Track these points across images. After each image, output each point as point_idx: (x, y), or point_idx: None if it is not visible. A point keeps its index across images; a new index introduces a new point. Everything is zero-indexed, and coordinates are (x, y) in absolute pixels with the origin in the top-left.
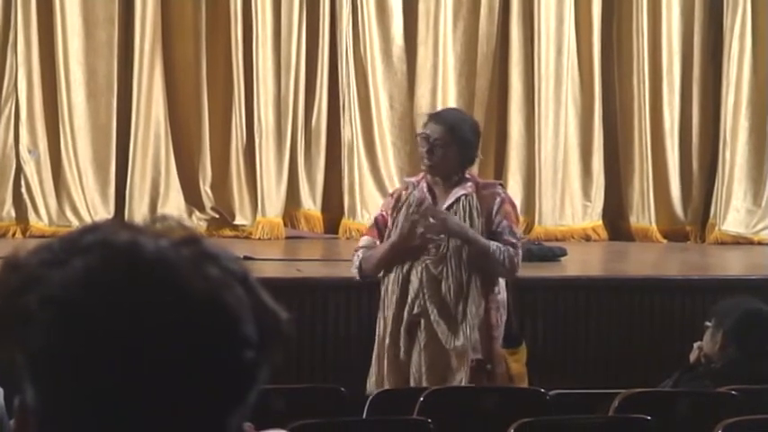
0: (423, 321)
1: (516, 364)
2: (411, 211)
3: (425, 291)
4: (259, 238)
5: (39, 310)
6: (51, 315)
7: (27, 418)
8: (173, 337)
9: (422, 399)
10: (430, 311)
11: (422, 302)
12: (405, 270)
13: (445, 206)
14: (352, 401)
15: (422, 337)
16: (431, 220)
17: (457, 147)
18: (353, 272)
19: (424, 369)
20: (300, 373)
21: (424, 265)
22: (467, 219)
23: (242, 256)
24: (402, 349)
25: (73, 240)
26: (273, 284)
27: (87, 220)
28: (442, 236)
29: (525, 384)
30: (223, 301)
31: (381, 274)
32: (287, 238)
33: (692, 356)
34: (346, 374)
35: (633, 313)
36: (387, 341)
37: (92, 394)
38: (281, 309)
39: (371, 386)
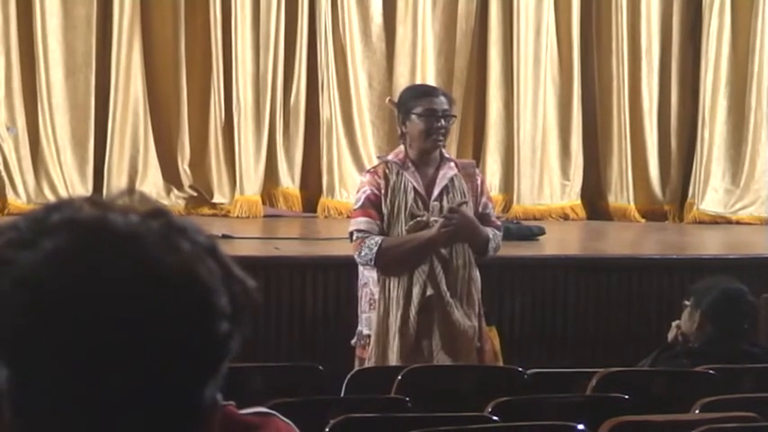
0: (435, 303)
1: (496, 341)
2: (449, 211)
3: (437, 272)
4: (237, 217)
5: (11, 292)
6: (24, 297)
7: (1, 401)
8: (148, 312)
9: (399, 377)
10: (443, 292)
11: (434, 284)
12: None
13: (440, 188)
14: (330, 380)
15: (435, 317)
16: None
17: (453, 118)
18: (363, 261)
19: (437, 349)
20: (278, 352)
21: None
22: (461, 200)
23: (220, 235)
24: (413, 330)
25: (39, 220)
26: (251, 263)
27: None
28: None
29: (501, 362)
30: (196, 274)
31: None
32: (265, 216)
33: (670, 335)
34: (324, 353)
35: (611, 292)
36: (398, 322)
37: (68, 373)
38: (249, 278)
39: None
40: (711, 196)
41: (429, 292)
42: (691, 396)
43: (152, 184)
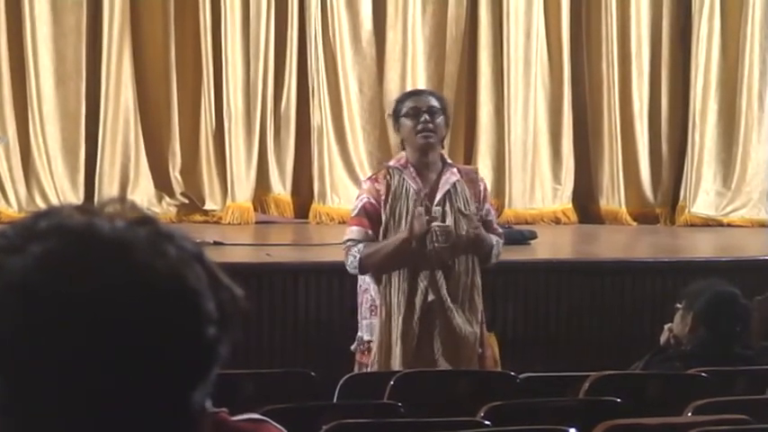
0: (437, 308)
1: (495, 347)
2: (417, 204)
3: (438, 278)
4: (229, 223)
5: (1, 296)
6: (15, 301)
7: None
8: (137, 317)
9: (392, 383)
10: (444, 298)
11: (435, 289)
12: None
13: (442, 193)
14: (323, 385)
15: (437, 323)
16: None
17: (444, 115)
18: (351, 269)
19: (438, 354)
20: (271, 358)
21: (434, 252)
22: (464, 205)
23: (212, 242)
24: (415, 336)
25: (27, 226)
26: (243, 269)
27: None
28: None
29: (500, 368)
30: (185, 279)
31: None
32: (257, 222)
33: (663, 338)
34: (317, 358)
35: (603, 296)
36: (400, 328)
37: (58, 376)
38: (236, 286)
39: None
40: (703, 199)
41: (430, 297)
42: (683, 399)
43: (143, 192)
